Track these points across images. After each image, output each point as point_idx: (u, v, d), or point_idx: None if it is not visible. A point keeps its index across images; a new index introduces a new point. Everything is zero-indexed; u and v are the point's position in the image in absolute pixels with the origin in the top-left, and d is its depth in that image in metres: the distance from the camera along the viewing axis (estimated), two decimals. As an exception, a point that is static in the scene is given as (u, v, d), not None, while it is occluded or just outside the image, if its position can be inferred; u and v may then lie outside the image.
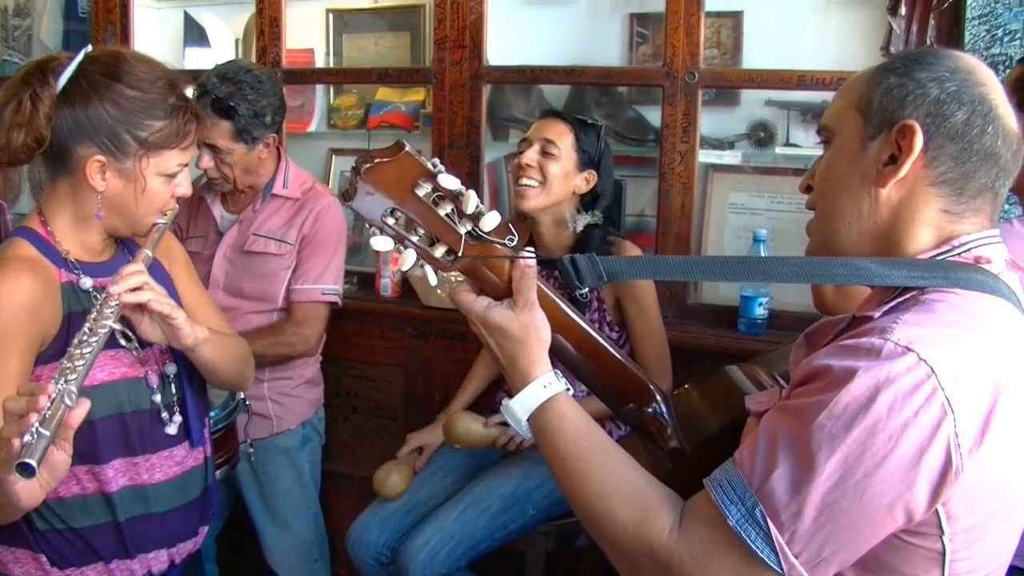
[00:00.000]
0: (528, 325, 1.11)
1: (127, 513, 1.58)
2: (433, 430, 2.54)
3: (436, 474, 2.47)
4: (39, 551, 1.53)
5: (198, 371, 1.69)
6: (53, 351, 1.49)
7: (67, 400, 1.18)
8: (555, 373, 1.12)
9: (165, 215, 1.61)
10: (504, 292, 1.12)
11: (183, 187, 1.61)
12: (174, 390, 1.65)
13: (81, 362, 1.26)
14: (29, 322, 1.45)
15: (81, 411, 1.20)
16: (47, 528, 1.53)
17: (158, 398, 1.61)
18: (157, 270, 1.66)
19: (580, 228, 2.35)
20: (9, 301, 1.44)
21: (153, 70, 1.54)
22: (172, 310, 1.50)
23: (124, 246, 1.66)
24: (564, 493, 1.11)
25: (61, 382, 1.20)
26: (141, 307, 1.47)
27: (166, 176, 1.56)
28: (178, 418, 1.64)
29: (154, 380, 1.61)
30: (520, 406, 1.11)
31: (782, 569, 0.94)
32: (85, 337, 1.32)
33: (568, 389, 1.12)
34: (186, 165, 1.60)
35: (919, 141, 1.03)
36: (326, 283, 2.52)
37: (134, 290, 1.44)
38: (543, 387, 1.11)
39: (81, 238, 1.58)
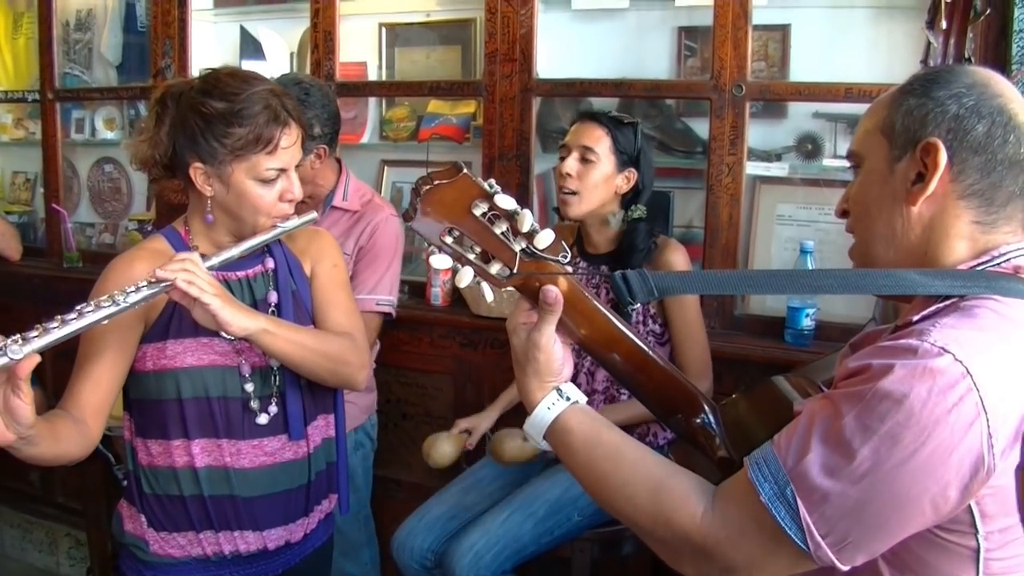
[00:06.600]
0: (534, 356, 1.13)
1: (212, 490, 1.68)
2: (481, 416, 2.55)
3: (482, 481, 2.49)
4: (140, 511, 1.70)
5: None
6: (154, 332, 1.66)
7: (10, 355, 1.28)
8: (557, 390, 1.15)
9: (304, 216, 1.73)
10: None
11: (292, 191, 1.69)
12: (277, 382, 1.72)
13: (55, 324, 1.36)
14: None
15: (28, 364, 1.29)
16: (150, 492, 1.69)
17: (250, 387, 1.69)
18: (295, 266, 1.80)
19: (626, 224, 2.35)
20: (116, 282, 1.58)
21: (241, 83, 1.64)
22: (201, 294, 1.50)
23: (267, 247, 1.76)
24: (593, 499, 1.15)
25: (11, 339, 1.30)
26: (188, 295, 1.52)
27: (260, 180, 1.65)
28: (274, 409, 1.71)
29: (247, 370, 1.69)
30: (533, 429, 1.16)
31: (808, 547, 0.97)
32: (80, 307, 1.41)
33: (576, 401, 1.15)
34: (283, 170, 1.67)
35: (943, 157, 1.06)
36: (380, 294, 2.53)
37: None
38: (547, 408, 1.14)
39: (212, 237, 1.72)
